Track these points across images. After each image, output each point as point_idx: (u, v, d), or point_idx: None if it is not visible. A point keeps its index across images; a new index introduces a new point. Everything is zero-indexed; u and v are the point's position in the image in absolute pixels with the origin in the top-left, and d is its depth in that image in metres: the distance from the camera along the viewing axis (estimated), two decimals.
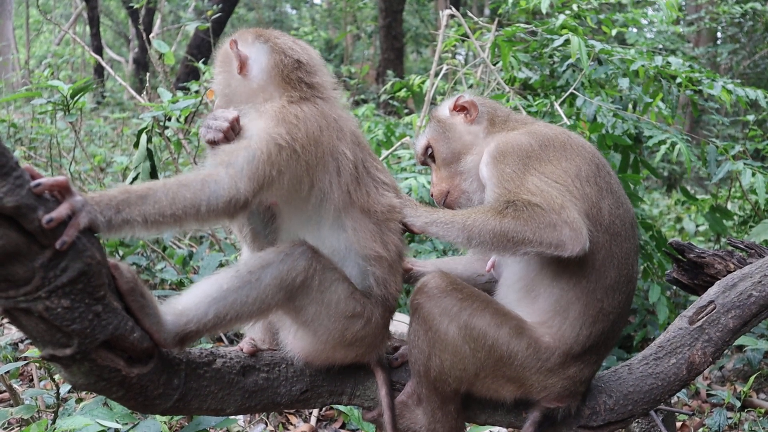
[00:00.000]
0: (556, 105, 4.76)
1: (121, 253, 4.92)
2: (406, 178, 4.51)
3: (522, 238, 2.05)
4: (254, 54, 2.19)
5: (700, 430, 4.00)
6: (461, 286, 2.17)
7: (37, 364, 3.85)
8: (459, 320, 2.10)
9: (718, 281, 2.51)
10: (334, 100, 2.22)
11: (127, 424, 2.65)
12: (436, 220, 2.20)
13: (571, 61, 5.04)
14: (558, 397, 2.21)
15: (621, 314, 2.24)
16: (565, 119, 4.58)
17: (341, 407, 3.70)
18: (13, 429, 3.42)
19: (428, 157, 2.55)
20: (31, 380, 4.03)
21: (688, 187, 10.72)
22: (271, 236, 2.20)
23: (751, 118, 6.67)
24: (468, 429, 3.10)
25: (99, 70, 16.72)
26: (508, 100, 4.94)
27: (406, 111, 9.50)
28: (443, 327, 2.10)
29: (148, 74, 5.52)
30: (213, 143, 2.02)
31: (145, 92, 5.24)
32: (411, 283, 2.49)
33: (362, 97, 14.64)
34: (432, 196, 2.53)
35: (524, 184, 2.13)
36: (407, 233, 2.26)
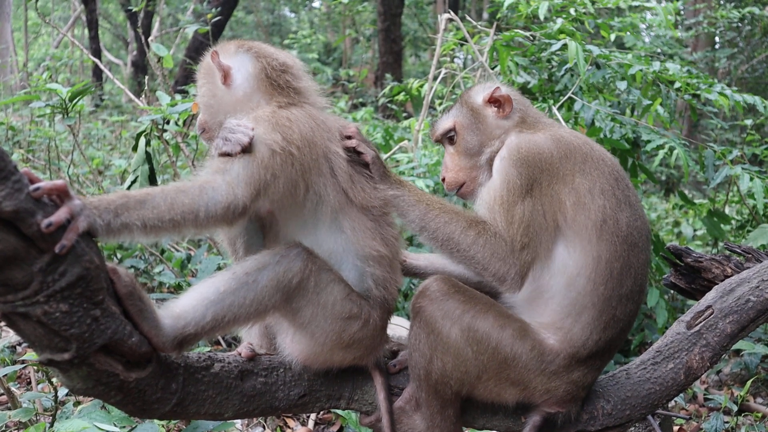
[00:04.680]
0: (555, 109, 4.77)
1: (119, 255, 4.91)
2: None
3: (472, 256, 2.13)
4: (237, 63, 2.20)
5: None
6: (463, 288, 2.17)
7: (35, 367, 3.84)
8: (462, 323, 2.10)
9: (716, 286, 2.51)
10: (320, 105, 2.25)
11: (125, 427, 2.65)
12: (402, 196, 2.21)
13: (569, 65, 5.04)
14: (559, 402, 2.21)
15: (629, 322, 2.25)
16: (564, 124, 4.58)
17: (339, 411, 3.69)
18: None
19: (446, 138, 2.48)
20: (29, 383, 4.02)
21: (686, 191, 10.74)
22: (270, 244, 2.19)
23: (749, 122, 6.68)
24: None
25: (97, 73, 16.73)
26: None
27: (404, 114, 9.52)
28: (445, 330, 2.10)
29: (146, 77, 5.51)
30: (227, 155, 1.94)
31: (143, 95, 5.22)
32: (405, 275, 2.48)
33: (361, 100, 14.66)
34: (443, 180, 2.46)
35: (514, 206, 2.14)
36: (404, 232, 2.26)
